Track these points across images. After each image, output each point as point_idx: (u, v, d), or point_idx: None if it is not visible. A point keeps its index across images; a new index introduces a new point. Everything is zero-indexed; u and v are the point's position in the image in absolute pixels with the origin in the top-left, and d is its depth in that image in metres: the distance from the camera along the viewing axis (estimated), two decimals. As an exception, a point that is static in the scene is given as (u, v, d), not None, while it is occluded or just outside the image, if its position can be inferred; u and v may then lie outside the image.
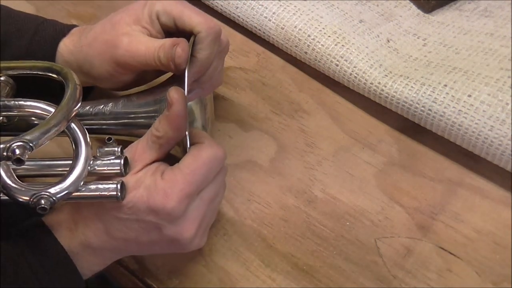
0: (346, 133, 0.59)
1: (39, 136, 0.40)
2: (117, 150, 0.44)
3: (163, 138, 0.44)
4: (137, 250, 0.47)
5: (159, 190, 0.43)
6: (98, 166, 0.43)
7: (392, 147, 0.58)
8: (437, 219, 0.53)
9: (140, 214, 0.43)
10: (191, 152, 0.45)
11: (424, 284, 0.49)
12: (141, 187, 0.43)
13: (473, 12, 0.64)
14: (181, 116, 0.43)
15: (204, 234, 0.47)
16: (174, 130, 0.44)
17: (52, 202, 0.41)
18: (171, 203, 0.42)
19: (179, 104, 0.43)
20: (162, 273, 0.50)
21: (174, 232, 0.44)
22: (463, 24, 0.63)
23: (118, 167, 0.43)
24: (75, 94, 0.44)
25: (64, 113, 0.42)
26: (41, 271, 0.43)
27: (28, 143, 0.39)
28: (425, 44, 0.62)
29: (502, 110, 0.51)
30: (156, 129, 0.44)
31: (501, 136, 0.51)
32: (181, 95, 0.43)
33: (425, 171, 0.56)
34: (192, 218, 0.44)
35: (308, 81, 0.64)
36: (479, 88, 0.53)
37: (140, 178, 0.44)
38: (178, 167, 0.44)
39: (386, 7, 0.66)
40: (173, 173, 0.43)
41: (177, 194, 0.43)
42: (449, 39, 0.62)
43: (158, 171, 0.44)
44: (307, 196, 0.55)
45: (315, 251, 0.51)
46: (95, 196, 0.43)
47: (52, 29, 0.54)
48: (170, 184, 0.43)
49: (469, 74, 0.55)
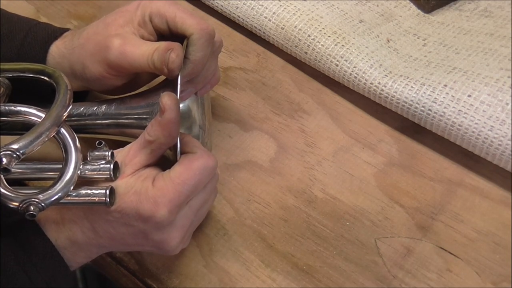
0: (346, 133, 0.59)
1: (26, 144, 0.40)
2: (108, 155, 0.44)
3: (155, 143, 0.44)
4: (123, 248, 0.48)
5: (149, 198, 0.43)
6: (88, 171, 0.43)
7: (392, 147, 0.58)
8: (437, 219, 0.53)
9: (128, 219, 0.44)
10: (182, 161, 0.45)
11: (424, 284, 0.49)
12: (131, 192, 0.43)
13: (473, 12, 0.64)
14: (173, 122, 0.43)
15: (188, 238, 0.48)
16: (166, 136, 0.44)
17: (41, 208, 0.41)
18: (161, 212, 0.43)
19: (171, 111, 0.43)
20: (162, 273, 0.50)
21: (161, 238, 0.45)
22: (463, 24, 0.63)
23: (108, 172, 0.43)
24: (65, 99, 0.44)
25: (53, 120, 0.42)
26: (28, 264, 0.43)
27: (15, 152, 0.39)
28: (425, 44, 0.62)
29: (502, 110, 0.51)
30: (148, 134, 0.44)
31: (501, 136, 0.51)
32: (173, 101, 0.43)
33: (425, 171, 0.56)
34: (179, 226, 0.45)
35: (308, 81, 0.64)
36: (479, 88, 0.53)
37: (130, 183, 0.44)
38: (169, 176, 0.44)
39: (386, 7, 0.66)
40: (164, 181, 0.43)
41: (167, 203, 0.43)
42: (449, 39, 0.62)
43: (149, 178, 0.44)
44: (307, 196, 0.55)
45: (315, 251, 0.51)
46: (84, 201, 0.43)
47: (44, 31, 0.53)
48: (161, 193, 0.43)
49: (469, 74, 0.55)
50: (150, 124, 0.45)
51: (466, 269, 0.50)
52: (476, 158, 0.55)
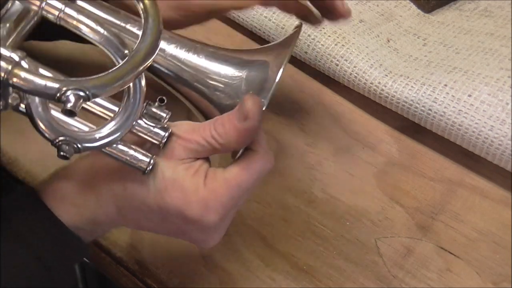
0: (346, 133, 0.59)
1: (101, 86, 0.32)
2: (165, 117, 0.38)
3: (223, 146, 0.39)
4: (144, 229, 0.43)
5: (199, 200, 0.38)
6: (138, 126, 0.37)
7: (392, 147, 0.58)
8: (437, 219, 0.53)
9: (168, 216, 0.39)
10: (241, 161, 0.39)
11: (424, 284, 0.49)
12: (177, 186, 0.38)
13: (473, 12, 0.64)
14: (253, 131, 0.38)
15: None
16: (240, 143, 0.39)
17: (76, 150, 0.35)
18: (210, 217, 0.38)
19: (254, 120, 0.37)
20: (162, 273, 0.50)
21: (201, 239, 0.41)
22: (463, 24, 0.63)
23: (160, 140, 0.38)
24: (156, 41, 0.34)
25: (137, 64, 0.33)
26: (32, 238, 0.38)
27: (86, 93, 0.32)
28: (425, 44, 0.62)
29: (502, 110, 0.51)
30: (218, 135, 0.38)
31: (501, 136, 0.51)
32: (259, 108, 0.38)
33: (425, 171, 0.56)
34: (223, 228, 0.41)
35: (308, 81, 0.64)
36: (479, 88, 0.53)
37: (178, 172, 0.38)
38: (223, 176, 0.38)
39: (386, 7, 0.66)
40: (217, 182, 0.38)
41: (218, 209, 0.38)
42: (449, 39, 0.62)
43: (201, 174, 0.39)
44: (307, 196, 0.55)
45: (315, 251, 0.51)
46: (122, 158, 0.37)
47: None
48: (213, 196, 0.38)
49: (469, 74, 0.55)
50: (220, 122, 0.38)
51: (466, 269, 0.50)
52: (476, 158, 0.55)
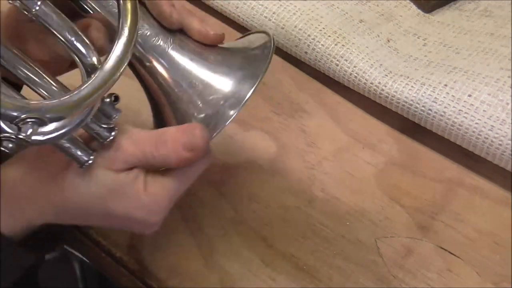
0: (346, 133, 0.59)
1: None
2: (115, 118, 0.38)
3: (162, 166, 0.40)
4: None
5: (142, 206, 0.39)
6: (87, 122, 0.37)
7: (392, 147, 0.58)
8: (437, 219, 0.53)
9: (112, 219, 0.40)
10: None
11: (424, 284, 0.49)
12: (120, 193, 0.39)
13: (473, 12, 0.64)
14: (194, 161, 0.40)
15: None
16: (178, 167, 0.40)
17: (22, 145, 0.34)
18: (153, 218, 0.40)
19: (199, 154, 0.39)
20: (162, 273, 0.50)
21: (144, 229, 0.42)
22: (463, 24, 0.63)
23: (103, 140, 0.38)
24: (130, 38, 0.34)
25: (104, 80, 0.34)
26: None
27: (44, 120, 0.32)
28: (425, 44, 0.62)
29: (502, 110, 0.51)
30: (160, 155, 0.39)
31: (501, 136, 0.51)
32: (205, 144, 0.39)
33: (425, 171, 0.56)
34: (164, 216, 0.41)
35: (308, 81, 0.64)
36: (479, 88, 0.53)
37: (120, 180, 0.39)
38: (162, 182, 0.40)
39: (386, 7, 0.66)
40: (157, 187, 0.40)
41: (161, 210, 0.40)
42: (449, 39, 0.62)
43: (139, 179, 0.39)
44: (307, 196, 0.55)
45: (315, 251, 0.51)
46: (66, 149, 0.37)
47: None
48: (154, 199, 0.39)
49: (469, 74, 0.55)
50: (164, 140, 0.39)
51: (466, 269, 0.50)
52: (476, 158, 0.55)
